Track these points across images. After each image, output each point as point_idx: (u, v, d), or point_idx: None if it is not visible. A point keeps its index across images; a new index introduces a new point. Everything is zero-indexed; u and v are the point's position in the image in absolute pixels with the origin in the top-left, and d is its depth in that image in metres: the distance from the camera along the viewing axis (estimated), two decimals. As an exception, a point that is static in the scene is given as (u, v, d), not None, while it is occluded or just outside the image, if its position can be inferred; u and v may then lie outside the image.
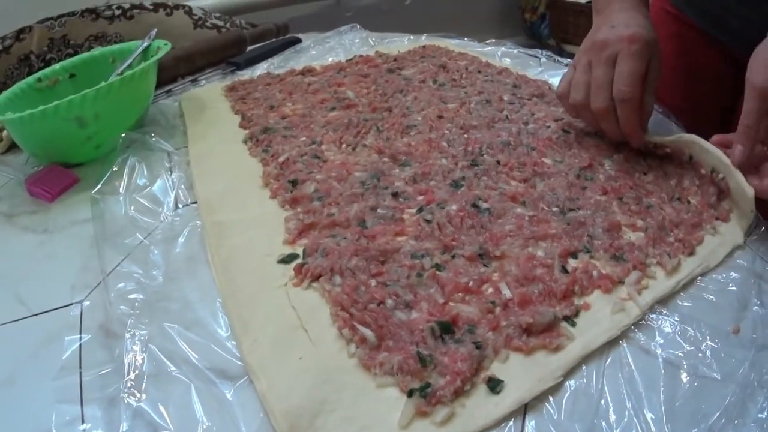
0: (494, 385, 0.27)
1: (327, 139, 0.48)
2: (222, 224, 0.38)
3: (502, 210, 0.38)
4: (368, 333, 0.28)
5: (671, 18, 0.68)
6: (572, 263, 0.34)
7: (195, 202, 0.41)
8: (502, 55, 0.68)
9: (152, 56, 0.52)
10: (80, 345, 0.31)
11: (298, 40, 0.73)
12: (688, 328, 0.31)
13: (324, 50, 0.71)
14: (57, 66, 0.54)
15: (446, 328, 0.29)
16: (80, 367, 0.29)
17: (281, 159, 0.44)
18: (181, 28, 0.83)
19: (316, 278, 0.33)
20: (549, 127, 0.50)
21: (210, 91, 0.60)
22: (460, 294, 0.31)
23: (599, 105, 0.42)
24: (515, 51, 0.70)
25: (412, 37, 0.74)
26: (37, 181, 0.46)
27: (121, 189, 0.42)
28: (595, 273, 0.33)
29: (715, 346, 0.30)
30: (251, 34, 0.73)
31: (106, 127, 0.47)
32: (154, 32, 0.55)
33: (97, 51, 0.56)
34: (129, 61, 0.53)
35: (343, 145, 0.47)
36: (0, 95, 0.50)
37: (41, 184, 0.45)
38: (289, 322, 0.30)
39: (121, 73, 0.50)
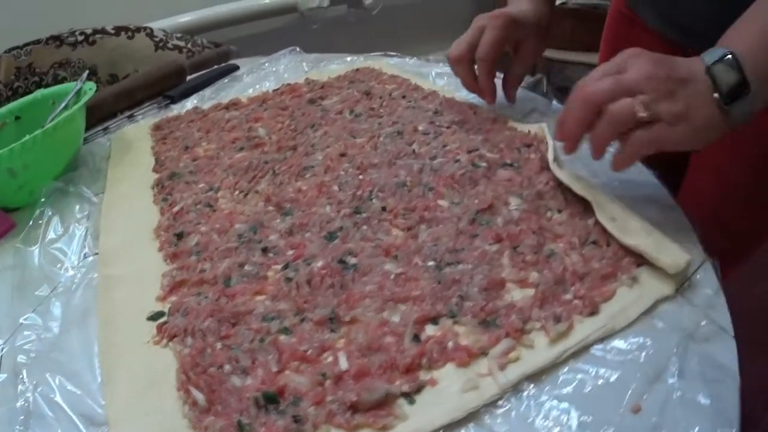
0: None
1: (225, 185, 0.50)
2: (111, 278, 0.42)
3: (369, 267, 0.37)
4: (199, 396, 0.31)
5: (626, 20, 0.67)
6: (430, 331, 0.32)
7: (97, 254, 0.46)
8: (436, 75, 0.67)
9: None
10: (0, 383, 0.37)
11: (236, 68, 0.74)
12: (558, 412, 0.26)
13: (258, 78, 0.72)
14: (3, 110, 0.60)
15: (271, 399, 0.29)
16: (-3, 403, 0.35)
17: (176, 209, 0.47)
18: (143, 51, 0.86)
19: (172, 338, 0.36)
20: (458, 161, 0.48)
21: (138, 129, 0.63)
22: (296, 362, 0.31)
23: (453, 53, 0.54)
24: (452, 69, 0.68)
25: (349, 59, 0.73)
26: (-19, 225, 0.52)
27: (38, 240, 0.47)
28: (450, 344, 0.31)
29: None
30: (191, 63, 0.75)
31: (36, 175, 0.52)
32: (85, 75, 0.59)
33: (39, 93, 0.61)
34: (63, 104, 0.58)
35: (236, 192, 0.48)
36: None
37: (-17, 229, 0.51)
38: (147, 379, 0.34)
39: (53, 119, 0.54)
